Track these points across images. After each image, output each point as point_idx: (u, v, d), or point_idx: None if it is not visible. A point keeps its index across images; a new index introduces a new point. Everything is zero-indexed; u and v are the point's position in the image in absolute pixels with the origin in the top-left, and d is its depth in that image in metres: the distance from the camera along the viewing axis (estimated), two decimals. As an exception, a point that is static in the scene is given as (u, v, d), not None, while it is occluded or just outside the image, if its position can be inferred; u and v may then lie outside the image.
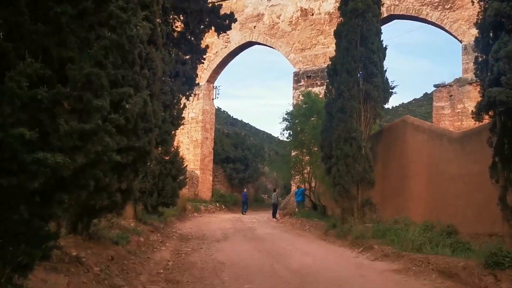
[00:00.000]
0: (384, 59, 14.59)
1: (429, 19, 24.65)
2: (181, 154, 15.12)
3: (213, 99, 32.94)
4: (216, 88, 33.07)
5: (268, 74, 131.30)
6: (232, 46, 31.23)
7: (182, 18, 14.64)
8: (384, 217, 13.22)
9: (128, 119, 7.97)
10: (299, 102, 20.68)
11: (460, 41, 23.61)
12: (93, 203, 7.57)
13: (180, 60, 14.46)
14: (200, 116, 31.86)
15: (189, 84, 14.79)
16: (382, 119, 17.47)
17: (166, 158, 13.89)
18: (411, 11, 25.29)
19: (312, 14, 28.16)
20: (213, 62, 31.96)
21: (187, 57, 14.98)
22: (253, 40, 30.44)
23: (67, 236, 7.71)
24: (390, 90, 14.77)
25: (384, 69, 14.54)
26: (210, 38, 32.33)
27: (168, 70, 13.94)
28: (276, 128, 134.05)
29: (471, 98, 22.19)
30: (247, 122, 61.91)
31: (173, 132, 14.92)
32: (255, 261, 9.75)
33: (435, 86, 23.10)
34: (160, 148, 14.10)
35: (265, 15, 29.91)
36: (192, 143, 31.76)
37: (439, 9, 24.33)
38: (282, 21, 29.21)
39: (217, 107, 38.09)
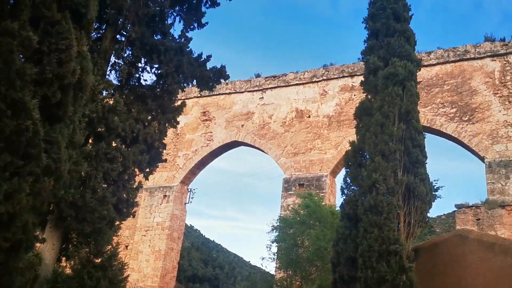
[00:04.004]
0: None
1: (443, 131, 21.40)
2: (122, 256, 10.04)
3: (185, 203, 28.07)
4: (190, 191, 28.42)
5: (243, 197, 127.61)
6: (215, 144, 27.34)
7: (155, 66, 10.68)
8: None
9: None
10: (296, 207, 16.12)
11: (483, 158, 20.08)
12: None
13: (142, 119, 10.15)
14: (168, 222, 26.63)
15: (151, 156, 10.29)
16: (431, 228, 12.87)
17: (97, 261, 8.82)
18: (423, 121, 22.13)
19: (309, 116, 24.88)
20: (190, 160, 27.76)
21: (153, 120, 10.71)
22: (240, 139, 26.68)
23: None
24: (434, 193, 10.41)
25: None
26: (190, 135, 28.73)
27: (121, 129, 9.56)
28: (250, 252, 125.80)
29: (505, 224, 18.03)
30: (219, 243, 55.97)
31: (117, 223, 10.08)
32: None
33: (457, 206, 18.99)
34: (91, 245, 9.11)
35: (255, 114, 26.57)
36: (153, 254, 26.06)
37: (455, 121, 21.21)
38: (274, 121, 25.79)
39: (189, 225, 33.24)
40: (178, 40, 10.37)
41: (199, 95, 28.91)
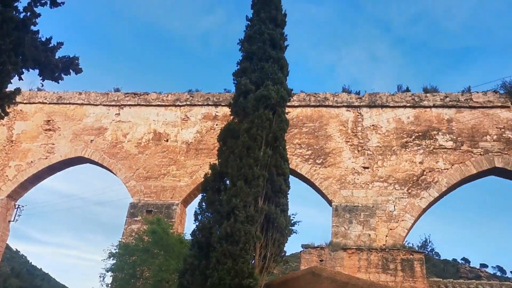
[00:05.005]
0: (286, 181, 10.09)
1: (298, 171, 21.85)
2: None
3: (10, 221, 24.10)
4: (18, 208, 24.55)
5: (83, 223, 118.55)
6: (56, 158, 24.15)
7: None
8: None
9: None
10: (140, 233, 14.46)
11: (330, 202, 20.84)
12: None
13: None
14: (-17, 241, 22.52)
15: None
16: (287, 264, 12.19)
17: None
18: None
19: (167, 140, 23.51)
20: (23, 173, 24.07)
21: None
22: (86, 156, 23.97)
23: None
24: (290, 227, 9.90)
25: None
26: (27, 144, 24.96)
27: None
28: (83, 284, 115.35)
29: (345, 267, 18.57)
30: (47, 272, 49.96)
31: None
32: None
33: (303, 246, 19.19)
34: None
35: (108, 130, 24.27)
36: (-43, 279, 21.56)
37: (309, 163, 21.83)
38: (128, 141, 23.79)
39: (14, 249, 28.72)
40: (22, 14, 8.51)
41: (45, 101, 25.74)
